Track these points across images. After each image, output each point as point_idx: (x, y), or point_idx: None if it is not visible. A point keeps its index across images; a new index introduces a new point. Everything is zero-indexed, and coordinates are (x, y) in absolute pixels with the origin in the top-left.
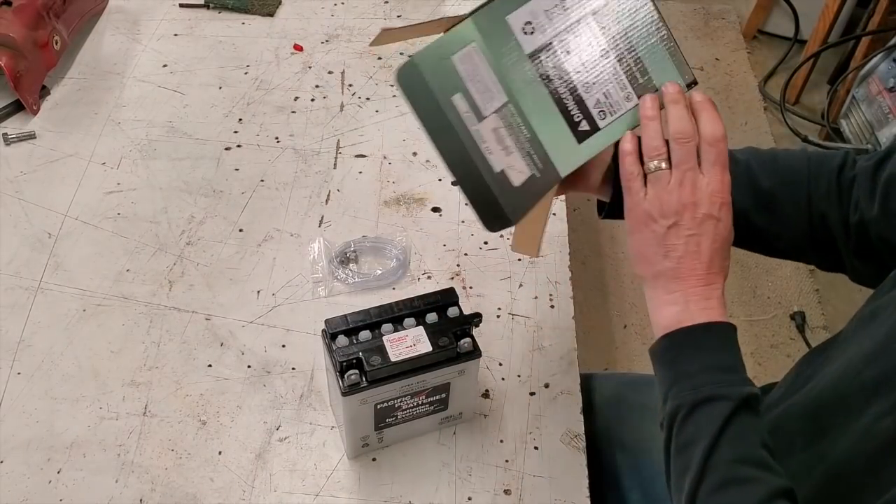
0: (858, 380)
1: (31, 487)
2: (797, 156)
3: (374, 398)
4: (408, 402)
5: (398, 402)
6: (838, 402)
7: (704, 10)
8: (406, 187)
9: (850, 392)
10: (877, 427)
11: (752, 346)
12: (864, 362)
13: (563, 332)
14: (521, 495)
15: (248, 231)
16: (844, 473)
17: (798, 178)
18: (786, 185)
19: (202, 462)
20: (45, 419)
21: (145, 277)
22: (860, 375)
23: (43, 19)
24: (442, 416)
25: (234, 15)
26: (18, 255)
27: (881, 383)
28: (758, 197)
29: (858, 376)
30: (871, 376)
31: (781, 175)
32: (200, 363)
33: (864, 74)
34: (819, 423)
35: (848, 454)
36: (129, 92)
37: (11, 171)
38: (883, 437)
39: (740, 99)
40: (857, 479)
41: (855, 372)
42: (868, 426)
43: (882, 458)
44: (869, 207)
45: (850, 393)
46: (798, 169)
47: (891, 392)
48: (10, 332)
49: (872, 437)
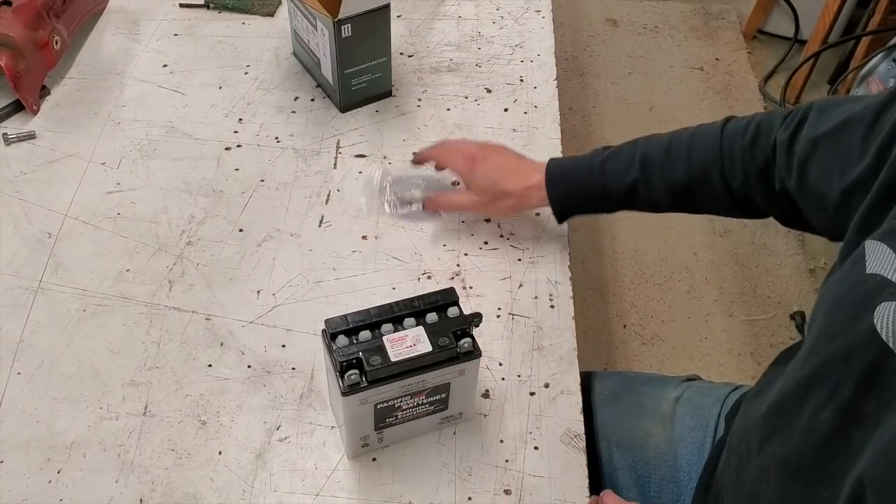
0: (795, 380)
1: (30, 487)
2: (710, 142)
3: (374, 398)
4: (408, 402)
5: (398, 402)
6: (780, 403)
7: (704, 10)
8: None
9: (790, 392)
10: (817, 422)
11: (752, 346)
12: (801, 361)
13: (563, 331)
14: (521, 495)
15: (248, 231)
16: (796, 470)
17: (710, 167)
18: (698, 177)
19: (202, 462)
20: (45, 419)
21: (145, 277)
22: (796, 375)
23: (43, 19)
24: (442, 416)
25: (234, 15)
26: (18, 255)
27: (812, 380)
28: (676, 193)
29: (795, 376)
30: (804, 375)
31: (694, 167)
32: (200, 363)
33: (865, 74)
34: (769, 424)
35: (795, 452)
36: (129, 92)
37: (11, 171)
38: (824, 430)
39: (740, 99)
40: (808, 474)
41: (794, 371)
42: (809, 423)
43: (826, 450)
44: (788, 178)
45: (789, 393)
46: (709, 157)
47: (822, 387)
48: (10, 332)
49: (814, 433)
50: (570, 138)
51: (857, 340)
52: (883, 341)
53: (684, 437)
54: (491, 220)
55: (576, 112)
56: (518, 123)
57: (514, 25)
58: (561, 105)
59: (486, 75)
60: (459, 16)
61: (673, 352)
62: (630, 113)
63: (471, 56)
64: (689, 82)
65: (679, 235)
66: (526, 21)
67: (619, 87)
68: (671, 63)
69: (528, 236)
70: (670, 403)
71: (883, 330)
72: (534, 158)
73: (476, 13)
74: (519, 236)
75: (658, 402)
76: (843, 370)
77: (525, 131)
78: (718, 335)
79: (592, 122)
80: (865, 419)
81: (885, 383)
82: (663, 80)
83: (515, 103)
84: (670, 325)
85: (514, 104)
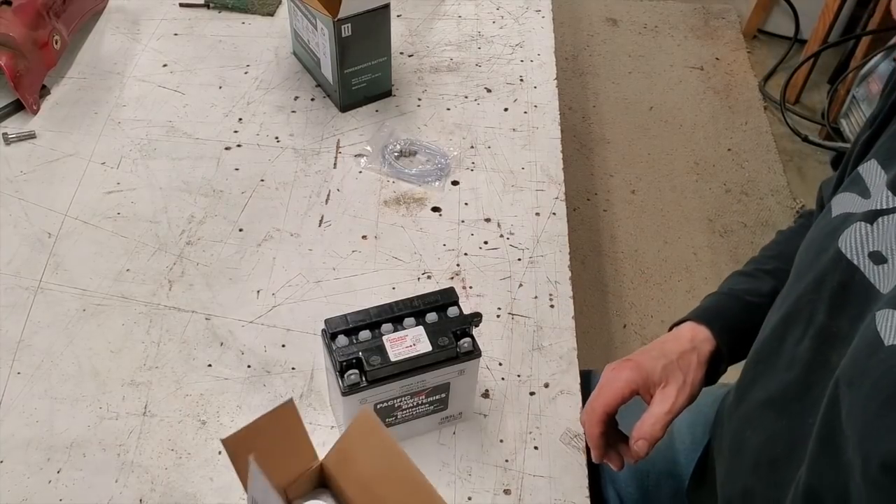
0: (771, 325)
1: (30, 487)
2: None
3: (374, 398)
4: (408, 402)
5: (398, 402)
6: (760, 350)
7: (704, 10)
8: (406, 187)
9: (768, 338)
10: (796, 353)
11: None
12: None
13: (563, 331)
14: (521, 495)
15: (248, 231)
16: (781, 407)
17: None
18: None
19: (202, 462)
20: (45, 419)
21: (145, 277)
22: (772, 321)
23: (43, 19)
24: (442, 416)
25: (234, 15)
26: (18, 255)
27: (788, 317)
28: None
29: (771, 322)
30: (779, 317)
31: None
32: (200, 363)
33: (865, 74)
34: (749, 373)
35: (779, 388)
36: (129, 92)
37: (11, 171)
38: (804, 358)
39: (740, 98)
40: (793, 407)
41: (768, 320)
42: (790, 356)
43: (808, 378)
44: None
45: (767, 339)
46: None
47: (798, 320)
48: (10, 331)
49: (795, 364)
50: (570, 138)
51: (825, 267)
52: (848, 260)
53: (682, 432)
54: (491, 220)
55: (576, 112)
56: (518, 123)
57: (514, 25)
58: (561, 105)
59: (486, 75)
60: (459, 15)
61: None
62: (630, 112)
63: (471, 56)
64: (689, 82)
65: (679, 235)
66: (526, 21)
67: (619, 87)
68: (671, 63)
69: (528, 236)
70: None
71: (847, 250)
72: (534, 158)
73: (476, 13)
74: (519, 236)
75: None
76: (815, 298)
77: (525, 131)
78: None
79: (592, 122)
80: (840, 339)
81: (854, 300)
82: (663, 80)
83: (515, 103)
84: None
85: (514, 104)
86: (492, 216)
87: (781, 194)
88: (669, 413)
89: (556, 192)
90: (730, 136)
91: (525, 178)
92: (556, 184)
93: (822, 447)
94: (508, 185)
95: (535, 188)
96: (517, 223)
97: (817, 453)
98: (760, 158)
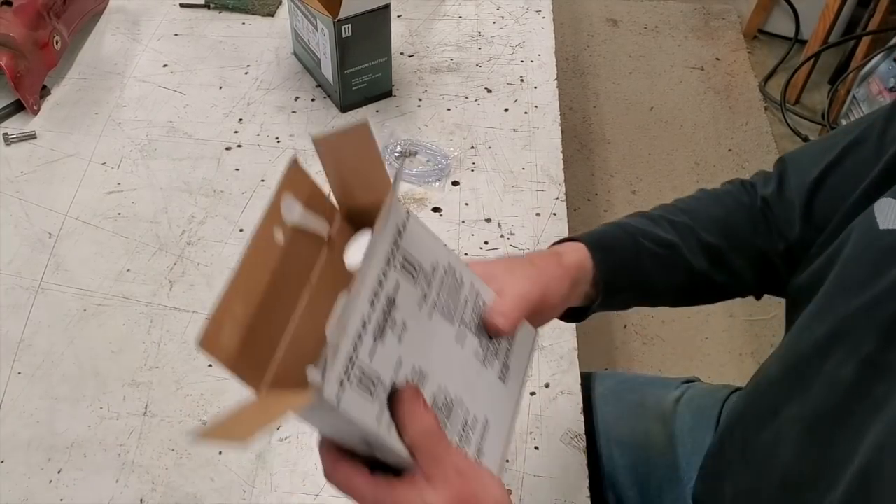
0: (813, 339)
1: (31, 487)
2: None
3: None
4: None
5: None
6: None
7: (705, 10)
8: (406, 187)
9: (809, 351)
10: (838, 376)
11: (753, 346)
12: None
13: (564, 331)
14: (521, 495)
15: (249, 231)
16: (816, 429)
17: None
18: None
19: (202, 462)
20: (46, 419)
21: (146, 277)
22: (814, 334)
23: (43, 19)
24: None
25: (234, 15)
26: (19, 255)
27: (834, 336)
28: (711, 256)
29: (811, 335)
30: (823, 333)
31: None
32: (201, 363)
33: (865, 74)
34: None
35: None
36: (130, 92)
37: (11, 171)
38: (845, 384)
39: (741, 99)
40: (828, 432)
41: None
42: (830, 378)
43: (848, 405)
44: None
45: (808, 353)
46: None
47: (844, 342)
48: (11, 332)
49: (836, 388)
50: (570, 138)
51: (880, 293)
52: None
53: (684, 436)
54: (491, 221)
55: (576, 112)
56: (518, 123)
57: (515, 25)
58: (561, 105)
59: (487, 75)
60: (460, 16)
61: (673, 352)
62: (630, 113)
63: (471, 56)
64: (690, 82)
65: None
66: (526, 21)
67: (619, 87)
68: (671, 63)
69: (529, 236)
70: (671, 403)
71: None
72: (534, 159)
73: (476, 13)
74: (519, 237)
75: (659, 402)
76: (865, 323)
77: (525, 131)
78: (719, 335)
79: (593, 122)
80: (888, 372)
81: None
82: (664, 80)
83: (516, 103)
84: (671, 325)
85: (515, 104)
86: (492, 216)
87: None
88: (524, 298)
89: (556, 193)
90: (730, 137)
91: (525, 179)
92: (557, 184)
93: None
94: (509, 185)
95: (535, 188)
96: (517, 223)
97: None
98: (761, 159)
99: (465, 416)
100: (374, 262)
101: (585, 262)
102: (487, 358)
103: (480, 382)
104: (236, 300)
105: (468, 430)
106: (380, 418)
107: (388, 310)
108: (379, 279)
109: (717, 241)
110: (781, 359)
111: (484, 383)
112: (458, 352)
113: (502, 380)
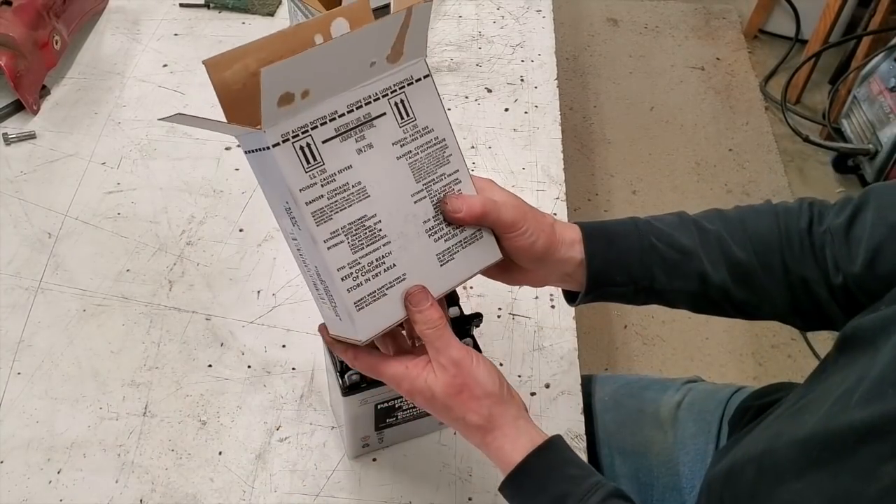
0: (847, 418)
1: (31, 487)
2: (765, 219)
3: (375, 398)
4: (408, 403)
5: (399, 403)
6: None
7: (705, 10)
8: None
9: (843, 428)
10: (877, 471)
11: (753, 347)
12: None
13: (564, 332)
14: None
15: (249, 231)
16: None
17: (771, 246)
18: (759, 255)
19: (202, 462)
20: (45, 419)
21: (145, 277)
22: (849, 414)
23: (43, 19)
24: None
25: (234, 15)
26: (18, 255)
27: (873, 428)
28: (734, 270)
29: (848, 414)
30: (862, 419)
31: (753, 244)
32: (200, 363)
33: (866, 74)
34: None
35: (847, 491)
36: (129, 92)
37: (11, 171)
38: (885, 481)
39: (741, 99)
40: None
41: (843, 408)
42: (867, 468)
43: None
44: (849, 266)
45: (842, 429)
46: (768, 234)
47: (885, 440)
48: (10, 332)
49: (872, 480)
50: (570, 138)
51: None
52: None
53: (686, 443)
54: None
55: (576, 112)
56: (519, 123)
57: (515, 25)
58: (561, 105)
59: (487, 75)
60: (460, 15)
61: (674, 352)
62: (631, 112)
63: (471, 56)
64: (690, 82)
65: None
66: (526, 21)
67: (619, 87)
68: (672, 63)
69: None
70: (672, 409)
71: None
72: (534, 159)
73: (476, 13)
74: None
75: (659, 408)
76: None
77: (526, 131)
78: (720, 336)
79: (593, 122)
80: None
81: None
82: (664, 80)
83: (516, 103)
84: (671, 326)
85: (515, 104)
86: None
87: (782, 194)
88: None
89: (556, 193)
90: (731, 137)
91: (526, 179)
92: (557, 184)
93: None
94: (509, 185)
95: (535, 188)
96: None
97: None
98: (761, 159)
99: (385, 256)
100: (371, 86)
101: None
102: (435, 232)
103: (416, 245)
104: (253, 54)
105: (379, 269)
106: (306, 192)
107: (361, 124)
108: (368, 97)
109: (747, 257)
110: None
111: (418, 248)
112: (408, 204)
113: (439, 261)
